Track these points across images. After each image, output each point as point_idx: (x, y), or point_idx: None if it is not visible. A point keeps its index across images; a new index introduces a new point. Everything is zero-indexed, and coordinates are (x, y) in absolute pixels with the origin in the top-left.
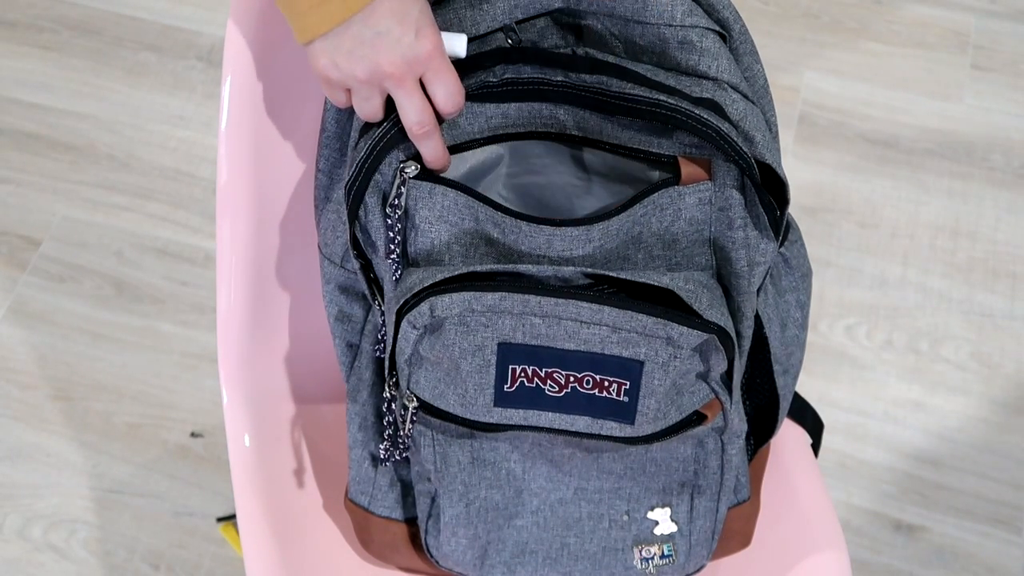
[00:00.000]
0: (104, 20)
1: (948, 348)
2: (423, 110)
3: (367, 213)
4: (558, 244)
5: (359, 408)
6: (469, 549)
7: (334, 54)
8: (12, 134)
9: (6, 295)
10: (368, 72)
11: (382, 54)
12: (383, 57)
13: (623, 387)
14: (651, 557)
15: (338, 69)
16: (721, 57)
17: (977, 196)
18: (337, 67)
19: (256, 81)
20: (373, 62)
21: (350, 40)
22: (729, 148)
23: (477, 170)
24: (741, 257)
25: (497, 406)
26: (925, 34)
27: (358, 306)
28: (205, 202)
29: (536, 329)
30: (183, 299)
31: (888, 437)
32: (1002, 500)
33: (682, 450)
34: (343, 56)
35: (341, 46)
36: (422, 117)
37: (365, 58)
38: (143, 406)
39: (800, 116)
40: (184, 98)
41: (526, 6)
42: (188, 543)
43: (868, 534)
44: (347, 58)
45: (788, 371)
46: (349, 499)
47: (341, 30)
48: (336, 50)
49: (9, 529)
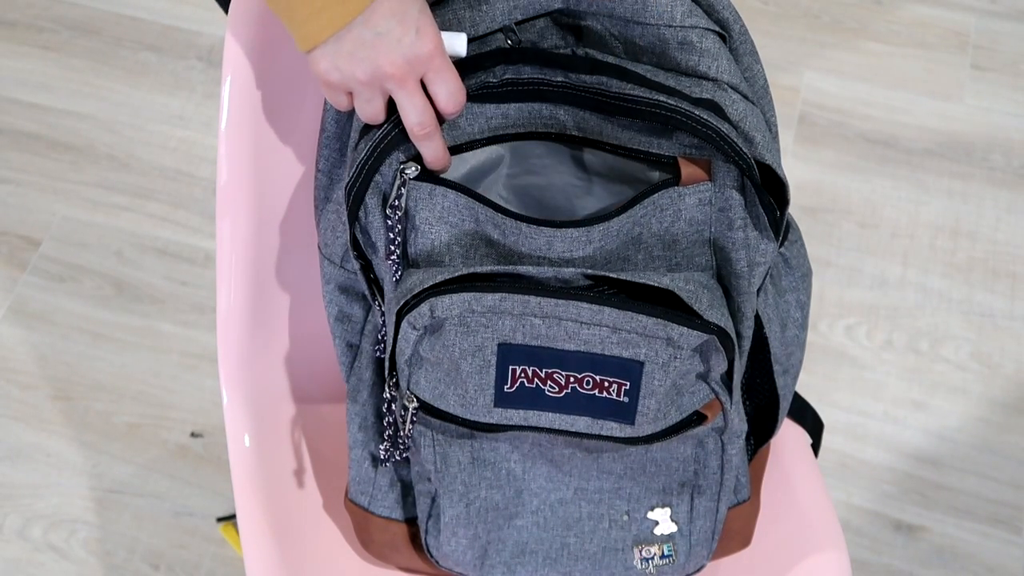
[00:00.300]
0: (104, 20)
1: (948, 348)
2: (424, 110)
3: (367, 214)
4: (558, 245)
5: (359, 408)
6: (469, 549)
7: (335, 58)
8: (12, 134)
9: (6, 295)
10: (369, 73)
11: (383, 55)
12: (384, 58)
13: (623, 387)
14: (651, 557)
15: (339, 72)
16: (721, 58)
17: (977, 196)
18: (338, 70)
19: (256, 81)
20: (374, 63)
21: (350, 43)
22: (729, 149)
23: (477, 171)
24: (741, 257)
25: (497, 406)
26: (925, 34)
27: (358, 306)
28: (205, 202)
29: (536, 330)
30: (183, 299)
31: (888, 437)
32: (1002, 500)
33: (682, 450)
34: (344, 59)
35: (341, 49)
36: (423, 118)
37: (366, 59)
38: (143, 406)
39: (800, 116)
40: (184, 98)
41: (525, 7)
42: (188, 543)
43: (868, 534)
44: (348, 60)
45: (788, 371)
46: (349, 499)
47: (341, 34)
48: (336, 53)
49: (9, 529)
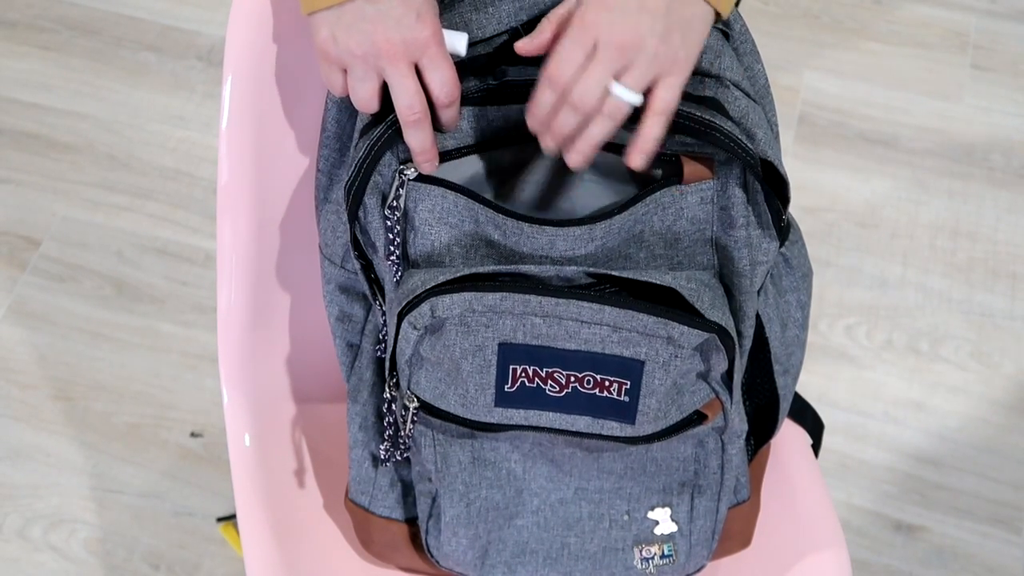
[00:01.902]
0: (104, 20)
1: (948, 348)
2: (415, 94)
3: (367, 214)
4: (561, 244)
5: (360, 408)
6: (470, 549)
7: (335, 27)
8: (12, 134)
9: (6, 295)
10: (365, 48)
11: (380, 31)
12: (381, 34)
13: (624, 387)
14: (651, 557)
15: (336, 44)
16: (724, 55)
17: (977, 196)
18: (335, 41)
19: (257, 80)
20: (371, 38)
21: (351, 15)
22: (734, 145)
23: (479, 172)
24: (743, 256)
25: (498, 406)
26: (925, 34)
27: (358, 306)
28: (205, 202)
29: (537, 329)
30: (183, 299)
31: (888, 437)
32: (1002, 500)
33: (682, 450)
34: (343, 29)
35: (342, 19)
36: (412, 100)
37: (363, 32)
38: (143, 406)
39: (800, 116)
40: (184, 98)
41: (531, 8)
42: (188, 543)
43: (868, 534)
44: (346, 32)
45: (788, 371)
46: (349, 499)
47: (345, 5)
48: (337, 23)
49: (9, 529)
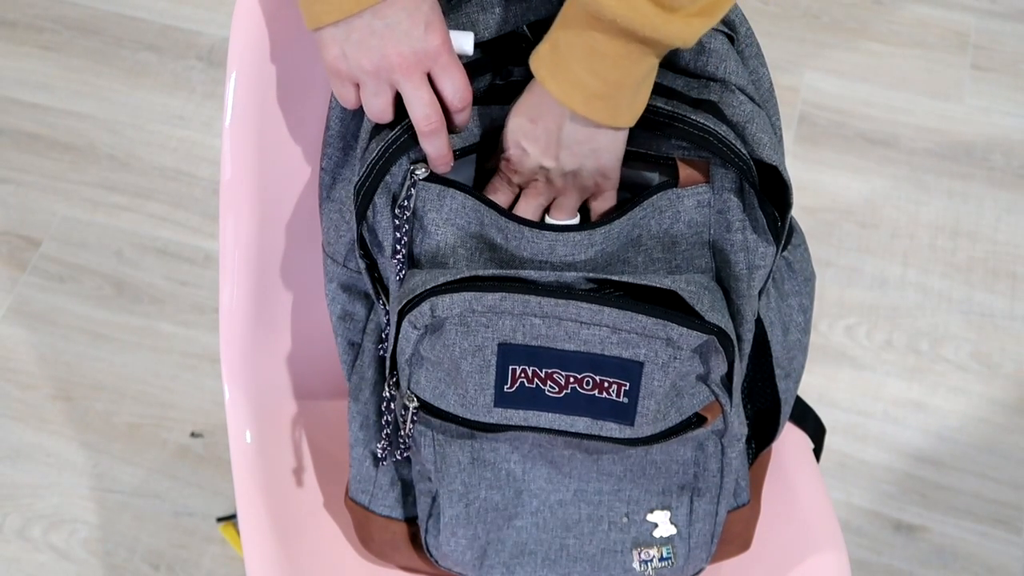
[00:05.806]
0: (104, 20)
1: (948, 348)
2: (430, 104)
3: (375, 213)
4: (561, 249)
5: (361, 407)
6: (468, 549)
7: (344, 44)
8: (12, 134)
9: (6, 295)
10: (376, 63)
11: (390, 45)
12: (392, 48)
13: (623, 388)
14: (650, 559)
15: (346, 60)
16: (729, 59)
17: (977, 196)
18: (345, 57)
19: (261, 77)
20: (381, 52)
21: (359, 30)
22: (727, 151)
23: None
24: (740, 260)
25: (497, 406)
26: (925, 34)
27: (360, 305)
28: (205, 202)
29: (536, 330)
30: (183, 299)
31: (888, 437)
32: (1002, 500)
33: (682, 452)
34: (352, 46)
35: (351, 36)
36: (428, 111)
37: (374, 48)
38: (143, 406)
39: (800, 116)
40: (184, 98)
41: (537, 8)
42: (188, 543)
43: (868, 534)
44: (356, 48)
45: (790, 375)
46: (350, 498)
47: (352, 21)
48: (346, 40)
49: (9, 529)
